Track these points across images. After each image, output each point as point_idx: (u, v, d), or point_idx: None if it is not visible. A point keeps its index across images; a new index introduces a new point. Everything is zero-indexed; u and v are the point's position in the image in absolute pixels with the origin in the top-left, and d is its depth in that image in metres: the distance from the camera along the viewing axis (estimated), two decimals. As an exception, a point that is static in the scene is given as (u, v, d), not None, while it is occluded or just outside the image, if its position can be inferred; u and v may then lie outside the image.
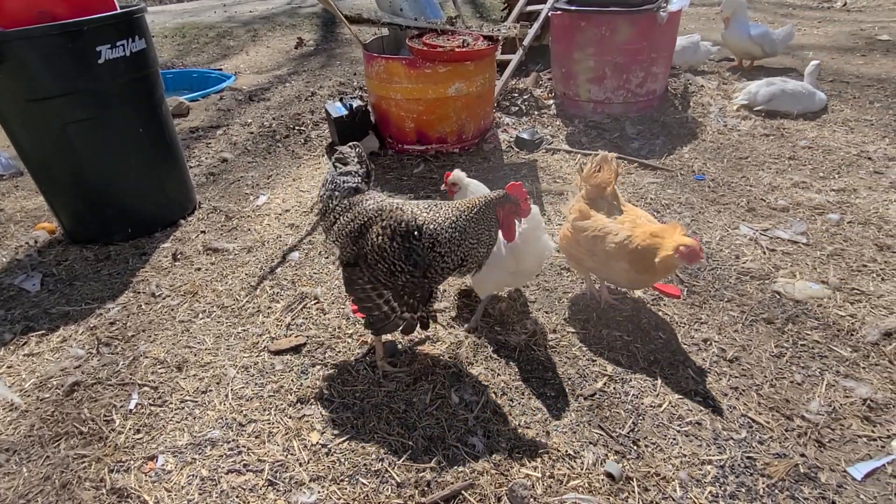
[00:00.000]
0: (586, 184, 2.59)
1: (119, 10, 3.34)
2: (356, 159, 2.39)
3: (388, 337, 2.58)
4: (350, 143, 2.45)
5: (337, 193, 2.32)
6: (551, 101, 5.49)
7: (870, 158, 4.11)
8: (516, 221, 2.17)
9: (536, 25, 5.60)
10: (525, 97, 5.42)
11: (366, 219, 2.21)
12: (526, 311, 2.79)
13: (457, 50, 4.18)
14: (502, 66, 5.56)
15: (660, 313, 2.74)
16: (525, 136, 4.70)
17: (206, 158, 4.85)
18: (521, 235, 2.30)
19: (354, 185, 2.33)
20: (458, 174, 2.70)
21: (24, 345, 2.78)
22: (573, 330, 2.65)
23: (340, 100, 4.82)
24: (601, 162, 2.56)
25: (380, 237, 2.12)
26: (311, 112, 5.71)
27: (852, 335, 2.54)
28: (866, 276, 2.90)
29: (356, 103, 4.69)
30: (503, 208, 2.12)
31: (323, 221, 2.38)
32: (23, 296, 3.15)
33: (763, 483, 1.93)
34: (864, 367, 2.37)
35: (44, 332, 2.85)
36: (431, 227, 2.09)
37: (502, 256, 2.44)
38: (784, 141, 4.52)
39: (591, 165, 2.58)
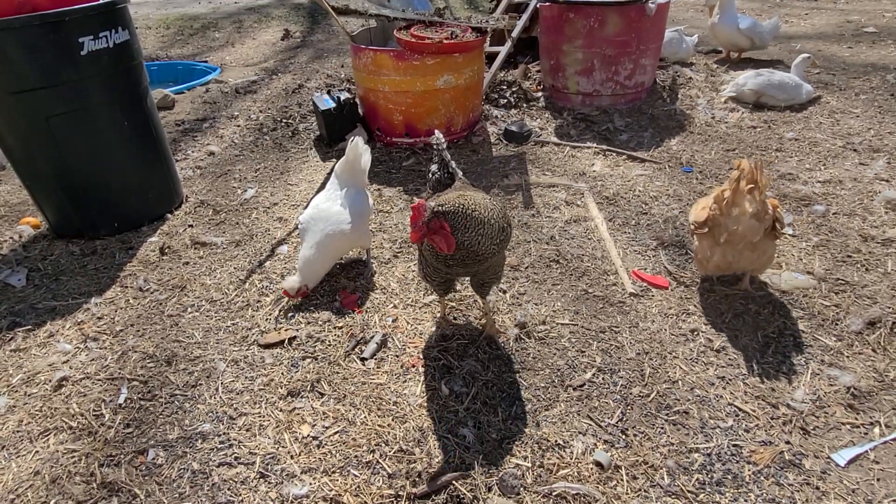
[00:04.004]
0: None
1: (102, 1, 3.29)
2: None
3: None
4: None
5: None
6: (540, 94, 5.49)
7: (855, 150, 4.16)
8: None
9: (525, 17, 5.58)
10: (514, 89, 5.42)
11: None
12: (516, 303, 2.80)
13: (445, 42, 4.16)
14: (491, 58, 5.55)
15: (647, 304, 2.76)
16: (514, 128, 4.70)
17: (193, 152, 4.81)
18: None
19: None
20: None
21: (10, 340, 2.75)
22: (562, 321, 2.67)
23: (328, 92, 4.79)
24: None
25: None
26: (299, 105, 5.67)
27: (837, 325, 2.57)
28: (851, 267, 2.93)
29: (344, 96, 4.66)
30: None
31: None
32: (8, 291, 3.11)
33: (749, 470, 1.96)
34: (848, 356, 2.41)
35: (30, 327, 2.83)
36: None
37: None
38: (771, 133, 4.55)
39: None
